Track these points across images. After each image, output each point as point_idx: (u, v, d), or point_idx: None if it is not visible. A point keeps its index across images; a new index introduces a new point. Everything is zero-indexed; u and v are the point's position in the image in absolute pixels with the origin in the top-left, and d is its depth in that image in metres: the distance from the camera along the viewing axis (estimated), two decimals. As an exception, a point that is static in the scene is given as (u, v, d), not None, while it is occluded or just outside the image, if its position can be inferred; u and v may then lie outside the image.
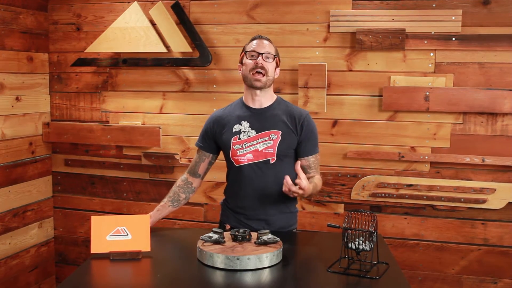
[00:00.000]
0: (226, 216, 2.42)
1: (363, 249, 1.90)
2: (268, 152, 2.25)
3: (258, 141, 2.26)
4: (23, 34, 3.40)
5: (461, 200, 3.01)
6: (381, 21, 3.01)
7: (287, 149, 2.28)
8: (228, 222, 2.38)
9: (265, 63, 2.24)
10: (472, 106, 2.94)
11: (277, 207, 2.31)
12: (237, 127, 2.29)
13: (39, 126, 3.59)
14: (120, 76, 3.49)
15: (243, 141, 2.27)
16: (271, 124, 2.27)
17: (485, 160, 2.97)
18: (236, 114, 2.33)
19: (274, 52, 2.29)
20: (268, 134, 2.26)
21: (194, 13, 3.30)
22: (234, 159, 2.29)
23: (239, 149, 2.27)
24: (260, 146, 2.25)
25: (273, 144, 2.25)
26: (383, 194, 3.10)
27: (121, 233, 2.03)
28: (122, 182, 3.57)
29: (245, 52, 2.28)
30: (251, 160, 2.26)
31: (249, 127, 2.28)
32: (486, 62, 2.94)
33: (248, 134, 2.27)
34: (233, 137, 2.28)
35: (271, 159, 2.26)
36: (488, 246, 3.05)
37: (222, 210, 2.47)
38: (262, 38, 2.31)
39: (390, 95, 3.03)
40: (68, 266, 3.75)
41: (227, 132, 2.30)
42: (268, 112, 2.31)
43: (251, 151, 2.26)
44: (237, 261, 1.84)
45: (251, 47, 2.28)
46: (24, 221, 3.49)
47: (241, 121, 2.30)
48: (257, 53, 2.24)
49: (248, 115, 2.30)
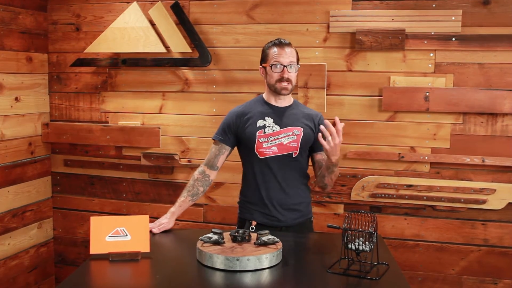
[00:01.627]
0: (250, 213, 2.43)
1: (363, 249, 1.90)
2: (292, 146, 2.35)
3: (282, 135, 2.36)
4: (22, 34, 3.39)
5: (461, 200, 3.01)
6: (381, 21, 3.01)
7: (307, 145, 2.40)
8: (253, 218, 2.41)
9: (291, 74, 2.31)
10: (472, 107, 2.94)
11: (299, 197, 2.42)
12: (261, 122, 2.37)
13: (39, 126, 3.58)
14: (119, 77, 3.49)
15: (269, 135, 2.36)
16: (293, 121, 2.38)
17: (485, 160, 2.96)
18: (259, 110, 2.41)
19: (296, 58, 2.35)
20: (291, 130, 2.37)
21: (193, 13, 3.30)
22: (258, 152, 2.36)
23: (265, 142, 2.35)
24: (284, 140, 2.35)
25: (296, 138, 2.36)
26: (383, 194, 3.09)
27: (120, 234, 2.04)
28: (122, 183, 3.57)
29: (270, 65, 2.31)
30: (275, 153, 2.35)
31: (273, 122, 2.37)
32: (486, 62, 2.93)
33: (273, 129, 2.36)
34: (258, 131, 2.36)
35: (294, 153, 2.36)
36: (488, 247, 3.04)
37: (243, 208, 2.48)
38: (284, 45, 2.32)
39: (390, 96, 3.03)
40: (67, 266, 3.75)
41: (251, 126, 2.38)
42: (289, 110, 2.41)
43: (276, 144, 2.35)
44: (236, 262, 1.84)
45: (274, 57, 2.31)
46: (24, 222, 3.48)
47: (265, 116, 2.38)
48: (282, 65, 2.29)
49: (271, 112, 2.39)
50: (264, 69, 2.38)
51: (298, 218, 2.41)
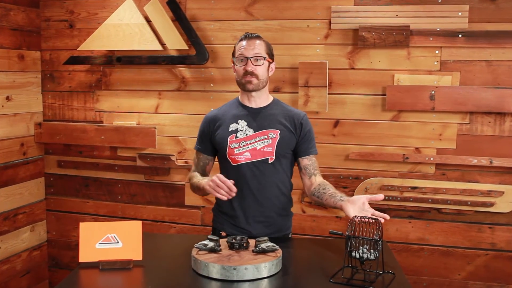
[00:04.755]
0: (220, 223, 2.32)
1: (367, 258, 1.81)
2: (267, 151, 2.20)
3: (256, 139, 2.21)
4: (14, 31, 3.33)
5: (467, 203, 2.95)
6: (385, 17, 2.95)
7: (285, 149, 2.23)
8: (223, 229, 2.29)
9: (255, 67, 2.17)
10: (479, 106, 2.88)
11: (275, 209, 2.25)
12: (233, 125, 2.24)
13: (31, 126, 3.52)
14: (114, 75, 3.44)
15: (241, 140, 2.21)
16: (269, 123, 2.23)
17: (492, 161, 2.91)
18: (232, 113, 2.27)
19: (264, 51, 2.21)
20: (266, 133, 2.21)
21: (190, 9, 3.25)
22: (231, 158, 2.22)
23: (236, 147, 2.21)
24: (258, 145, 2.20)
25: (272, 143, 2.20)
26: (386, 197, 3.03)
27: (111, 241, 1.96)
28: (117, 184, 3.51)
29: (234, 59, 2.21)
30: (248, 159, 2.20)
31: (247, 125, 2.22)
32: (493, 59, 2.88)
33: (246, 132, 2.22)
34: (229, 136, 2.22)
35: (270, 158, 2.21)
36: (496, 251, 2.98)
37: (215, 216, 2.37)
38: (250, 38, 2.21)
39: (394, 94, 2.97)
40: (61, 270, 3.70)
41: (223, 131, 2.24)
42: (266, 111, 2.26)
43: (249, 150, 2.20)
44: (233, 271, 1.77)
45: (239, 50, 2.20)
46: (16, 225, 3.42)
47: (238, 120, 2.24)
48: (246, 57, 2.17)
49: (245, 114, 2.25)
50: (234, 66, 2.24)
51: (273, 232, 2.23)
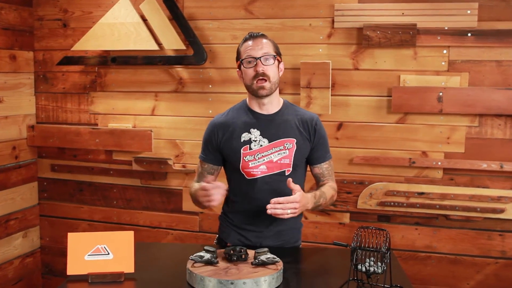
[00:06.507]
0: (227, 233, 2.20)
1: (374, 271, 1.70)
2: (284, 163, 2.08)
3: (272, 150, 2.08)
4: (5, 30, 3.24)
5: (477, 209, 2.87)
6: (390, 16, 2.88)
7: (301, 159, 2.13)
8: (229, 240, 2.18)
9: (266, 67, 2.03)
10: (489, 108, 2.81)
11: (288, 222, 2.08)
12: (245, 135, 2.09)
13: (23, 129, 3.44)
14: (109, 76, 3.37)
15: (255, 152, 2.08)
16: (284, 132, 2.10)
17: (503, 166, 2.82)
18: (242, 120, 2.12)
19: (272, 50, 2.08)
20: (282, 143, 2.09)
21: (188, 7, 3.18)
22: (245, 172, 2.09)
23: (251, 160, 2.08)
24: (274, 157, 2.08)
25: (289, 154, 2.09)
26: (392, 203, 2.96)
27: (101, 252, 1.86)
28: (112, 189, 3.44)
29: (241, 60, 2.07)
30: (265, 173, 2.08)
31: (260, 135, 2.08)
32: (504, 59, 2.80)
33: (260, 143, 2.08)
34: (242, 147, 2.08)
35: (287, 170, 2.09)
36: (506, 259, 2.91)
37: (222, 226, 2.25)
38: (256, 37, 2.07)
39: (400, 96, 2.90)
40: (55, 278, 3.62)
41: (235, 141, 2.09)
42: (278, 118, 2.13)
43: (265, 162, 2.08)
44: (231, 286, 1.66)
45: (246, 51, 2.05)
46: (7, 231, 3.33)
47: (250, 128, 2.10)
48: (254, 58, 2.03)
49: (257, 122, 2.11)
50: (240, 71, 2.11)
51: (282, 244, 2.14)
